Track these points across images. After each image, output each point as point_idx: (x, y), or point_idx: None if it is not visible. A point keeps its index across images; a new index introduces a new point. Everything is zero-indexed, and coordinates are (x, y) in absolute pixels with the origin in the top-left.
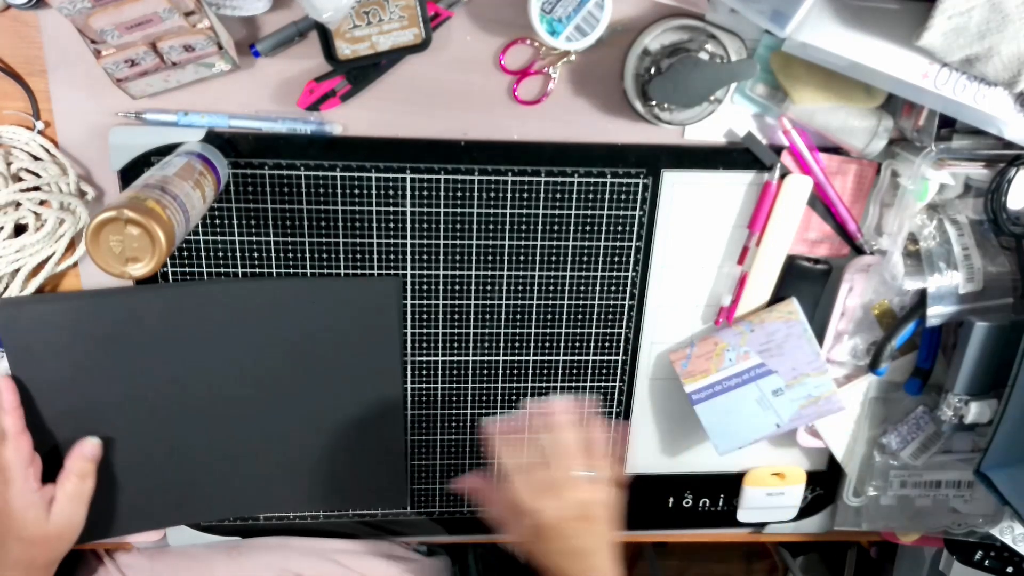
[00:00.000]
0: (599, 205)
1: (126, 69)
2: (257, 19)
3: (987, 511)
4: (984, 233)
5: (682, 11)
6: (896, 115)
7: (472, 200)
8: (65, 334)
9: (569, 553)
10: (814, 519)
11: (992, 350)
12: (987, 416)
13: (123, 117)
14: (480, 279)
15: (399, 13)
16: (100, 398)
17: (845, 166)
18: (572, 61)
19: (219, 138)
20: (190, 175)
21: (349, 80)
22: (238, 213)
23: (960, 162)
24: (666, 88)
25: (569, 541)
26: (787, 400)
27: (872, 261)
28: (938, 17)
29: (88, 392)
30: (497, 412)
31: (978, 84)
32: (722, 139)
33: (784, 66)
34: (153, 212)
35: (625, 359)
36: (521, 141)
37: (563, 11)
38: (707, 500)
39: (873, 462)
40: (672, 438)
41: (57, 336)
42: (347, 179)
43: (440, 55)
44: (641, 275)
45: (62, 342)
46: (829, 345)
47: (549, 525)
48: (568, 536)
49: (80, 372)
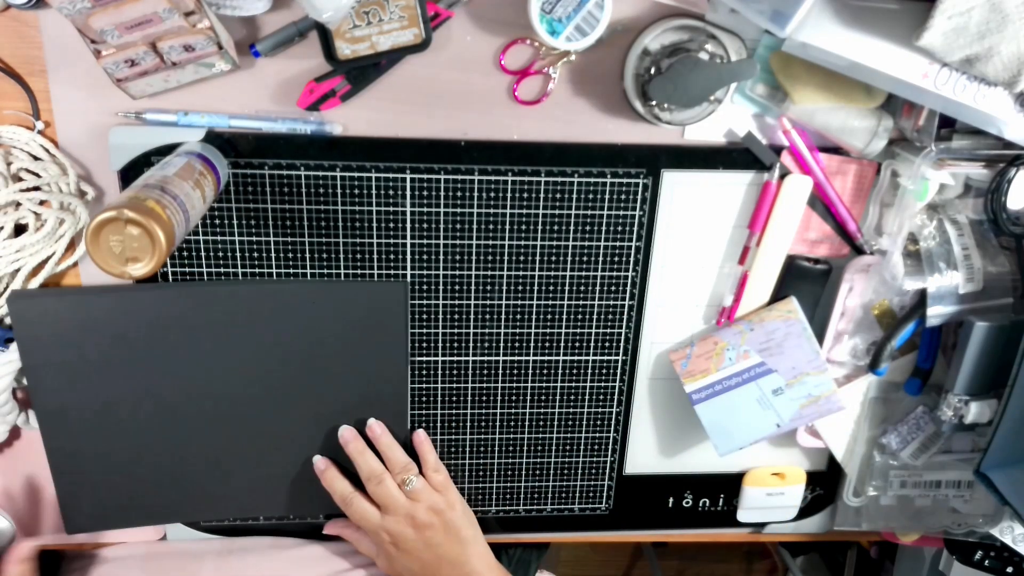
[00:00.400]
0: (599, 205)
1: (126, 69)
2: (257, 19)
3: (987, 511)
4: (984, 233)
5: (682, 11)
6: (896, 115)
7: (472, 200)
8: (76, 328)
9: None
10: (814, 519)
11: (992, 350)
12: (987, 416)
13: (123, 117)
14: (480, 279)
15: (399, 13)
16: (107, 392)
17: (845, 166)
18: (572, 61)
19: (219, 138)
20: (190, 175)
21: (349, 80)
22: (238, 213)
23: (960, 162)
24: (666, 88)
25: (430, 551)
26: (787, 399)
27: (872, 261)
28: (938, 17)
29: (96, 386)
30: (497, 412)
31: (978, 84)
32: (722, 139)
33: (784, 66)
34: (153, 212)
35: (625, 359)
36: (521, 141)
37: (563, 11)
38: (707, 500)
39: (873, 462)
40: (672, 438)
41: (68, 329)
42: (347, 179)
43: (440, 55)
44: (641, 275)
45: (73, 336)
46: (829, 345)
47: (399, 542)
48: (422, 548)
49: (89, 366)
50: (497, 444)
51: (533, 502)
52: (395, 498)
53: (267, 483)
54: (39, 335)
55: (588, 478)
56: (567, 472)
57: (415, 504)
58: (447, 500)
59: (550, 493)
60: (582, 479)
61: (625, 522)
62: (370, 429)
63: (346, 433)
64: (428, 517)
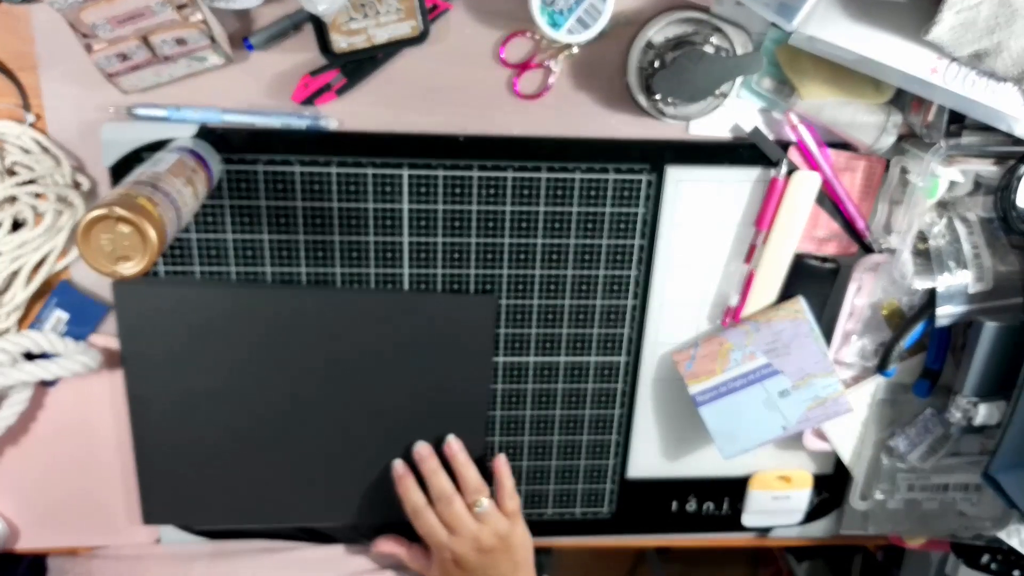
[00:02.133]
0: (601, 202)
1: (118, 63)
2: (251, 12)
3: (994, 514)
4: (994, 232)
5: (687, 3)
6: (905, 111)
7: (471, 197)
8: (175, 318)
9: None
10: (820, 523)
11: (1002, 351)
12: (996, 418)
13: (115, 112)
14: (479, 278)
15: (396, 5)
16: (196, 385)
17: (853, 162)
18: (574, 54)
19: (212, 133)
20: (182, 171)
21: (345, 74)
22: (231, 210)
23: (970, 159)
24: (670, 82)
25: (483, 571)
26: (794, 401)
27: (881, 260)
28: (946, 11)
29: (186, 378)
30: (497, 414)
31: (987, 80)
32: (728, 134)
33: (791, 60)
34: (144, 210)
35: (628, 360)
36: (521, 136)
37: (564, 3)
38: (711, 504)
39: (881, 465)
40: (676, 441)
41: (167, 319)
42: (343, 175)
43: (438, 48)
44: (644, 274)
45: (170, 325)
46: (837, 346)
47: (460, 562)
48: (476, 568)
49: (182, 357)
50: (498, 447)
51: (534, 506)
52: (463, 520)
53: (338, 490)
54: (139, 322)
55: (590, 482)
56: (569, 475)
57: (482, 527)
58: (511, 526)
59: (551, 497)
60: (584, 483)
61: (628, 527)
62: (448, 446)
63: (422, 450)
64: (492, 541)
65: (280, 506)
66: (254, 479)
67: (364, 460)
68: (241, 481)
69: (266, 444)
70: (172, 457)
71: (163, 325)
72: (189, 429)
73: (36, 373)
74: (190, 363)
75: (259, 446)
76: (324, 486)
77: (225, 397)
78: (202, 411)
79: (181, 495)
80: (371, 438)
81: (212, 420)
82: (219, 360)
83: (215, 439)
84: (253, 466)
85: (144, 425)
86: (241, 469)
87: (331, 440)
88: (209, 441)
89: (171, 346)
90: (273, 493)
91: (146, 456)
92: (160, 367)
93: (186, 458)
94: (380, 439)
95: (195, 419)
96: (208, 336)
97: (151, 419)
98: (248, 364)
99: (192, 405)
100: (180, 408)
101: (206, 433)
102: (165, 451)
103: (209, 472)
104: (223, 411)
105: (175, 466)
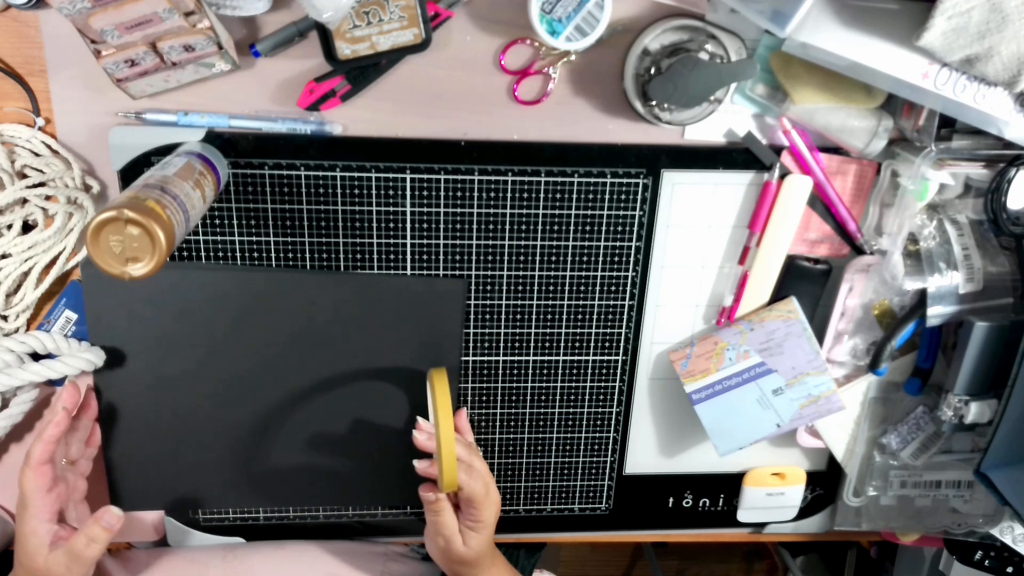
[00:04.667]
0: (599, 205)
1: (126, 69)
2: (257, 19)
3: (987, 511)
4: (984, 233)
5: (682, 11)
6: (896, 115)
7: (472, 200)
8: (144, 300)
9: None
10: (814, 519)
11: (992, 350)
12: (987, 416)
13: (123, 117)
14: (480, 279)
15: (399, 13)
16: (165, 369)
17: (845, 166)
18: (572, 61)
19: (219, 138)
20: (190, 175)
21: (349, 80)
22: (238, 213)
23: (960, 162)
24: (666, 88)
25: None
26: (787, 399)
27: (872, 261)
28: (938, 17)
29: (156, 361)
30: (497, 412)
31: (978, 84)
32: (722, 139)
33: (784, 66)
34: (153, 212)
35: (625, 359)
36: (521, 141)
37: (563, 11)
38: (707, 500)
39: (873, 462)
40: (672, 438)
41: (136, 301)
42: (347, 179)
43: (440, 55)
44: (641, 275)
45: (139, 310)
46: (829, 345)
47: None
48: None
49: (152, 340)
50: (497, 444)
51: (533, 502)
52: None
53: (311, 475)
54: (106, 305)
55: (588, 478)
56: (567, 472)
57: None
58: None
59: (550, 493)
60: (582, 479)
61: (625, 522)
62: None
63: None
64: None
65: (253, 491)
66: (224, 464)
67: (339, 444)
68: (212, 467)
69: (238, 429)
70: (142, 441)
71: (133, 309)
72: (159, 414)
73: (42, 373)
74: (159, 346)
75: (230, 431)
76: (303, 472)
77: (194, 381)
78: (171, 395)
79: (152, 481)
80: (342, 419)
81: (183, 406)
82: (192, 343)
83: (186, 424)
84: (224, 451)
85: (112, 409)
86: (213, 455)
87: (302, 422)
88: (181, 427)
89: (140, 330)
90: (244, 478)
91: (115, 441)
92: (129, 351)
93: (156, 443)
94: (351, 420)
95: (164, 404)
96: (179, 319)
97: (120, 404)
98: (219, 347)
99: (160, 389)
100: (148, 391)
101: (177, 419)
102: (134, 436)
103: (183, 459)
104: (193, 396)
105: (145, 451)
